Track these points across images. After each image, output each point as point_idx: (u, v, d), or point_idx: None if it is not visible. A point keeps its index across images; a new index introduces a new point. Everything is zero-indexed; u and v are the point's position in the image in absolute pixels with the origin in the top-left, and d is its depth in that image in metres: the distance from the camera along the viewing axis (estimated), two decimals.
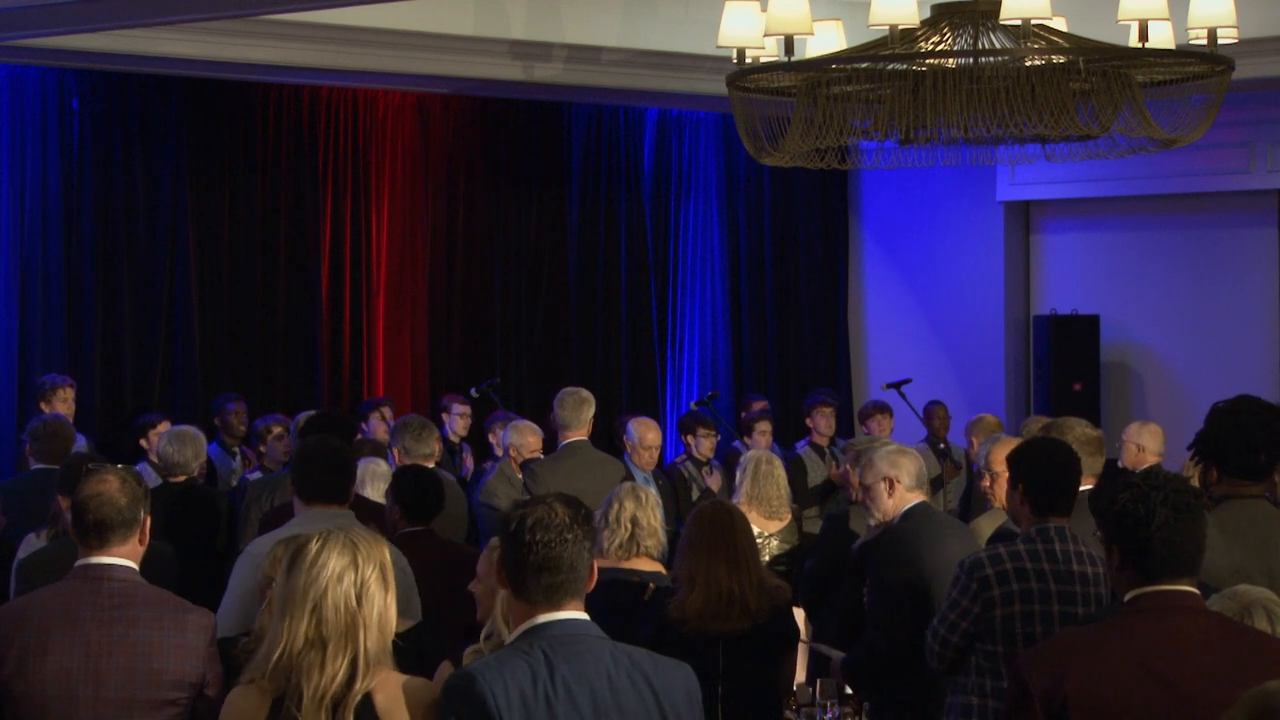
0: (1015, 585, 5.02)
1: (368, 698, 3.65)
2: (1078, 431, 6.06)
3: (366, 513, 6.12)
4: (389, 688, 3.68)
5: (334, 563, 3.69)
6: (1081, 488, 5.33)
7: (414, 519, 6.17)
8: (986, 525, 6.68)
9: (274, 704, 3.67)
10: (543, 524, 3.60)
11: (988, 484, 6.56)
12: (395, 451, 8.06)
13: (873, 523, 6.29)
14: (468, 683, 3.47)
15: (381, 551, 3.78)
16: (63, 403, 9.67)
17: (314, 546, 3.71)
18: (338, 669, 3.64)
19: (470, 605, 4.74)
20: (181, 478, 7.89)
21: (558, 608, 3.59)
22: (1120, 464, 8.98)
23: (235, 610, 5.45)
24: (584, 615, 3.62)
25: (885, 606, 5.90)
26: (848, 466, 7.32)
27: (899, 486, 6.06)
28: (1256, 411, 5.12)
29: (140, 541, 4.41)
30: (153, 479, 8.44)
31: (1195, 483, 5.11)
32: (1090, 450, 5.89)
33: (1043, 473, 5.11)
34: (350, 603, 3.67)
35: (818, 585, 6.97)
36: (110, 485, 4.35)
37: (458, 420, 10.86)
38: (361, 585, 3.69)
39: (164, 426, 9.27)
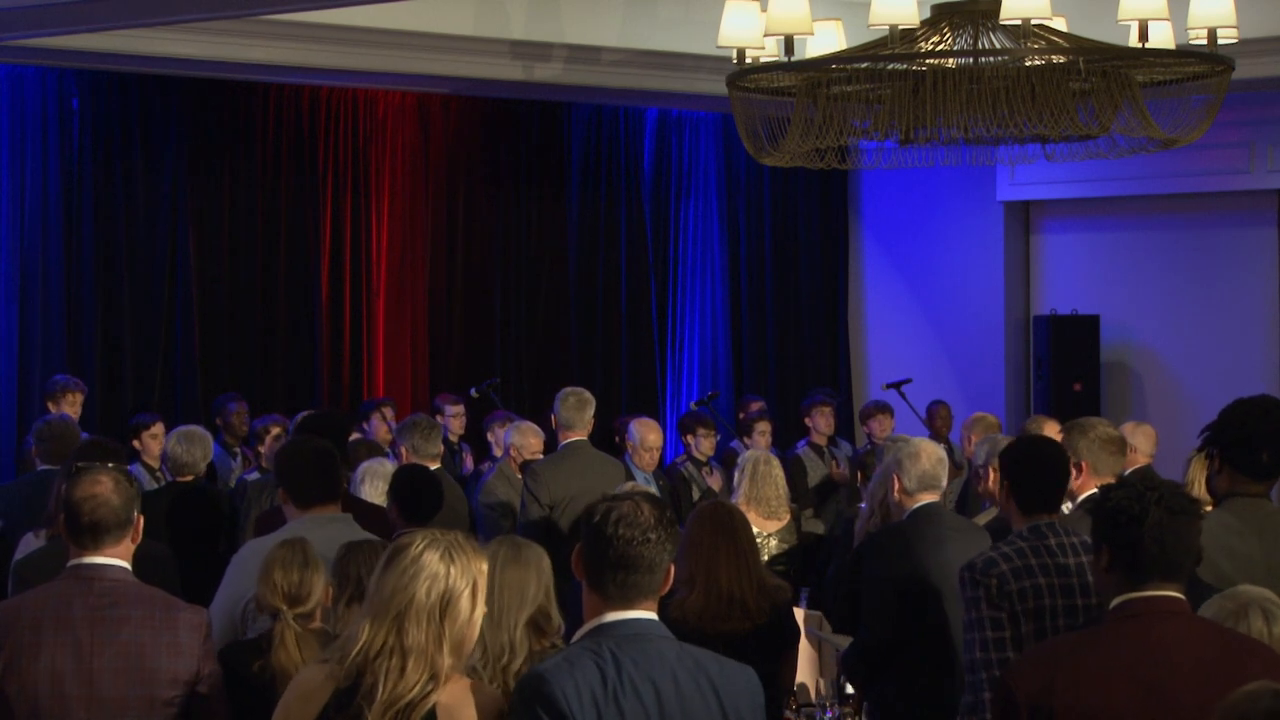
0: (1026, 582, 5.01)
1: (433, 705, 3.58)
2: (1099, 430, 5.95)
3: (363, 514, 6.10)
4: (455, 693, 3.60)
5: (426, 572, 3.58)
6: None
7: (412, 519, 6.16)
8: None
9: (338, 694, 3.59)
10: (627, 521, 3.56)
11: (981, 482, 6.55)
12: (404, 450, 8.07)
13: (863, 517, 6.31)
14: (539, 683, 3.44)
15: (479, 565, 3.65)
16: (70, 405, 9.66)
17: (414, 551, 3.61)
18: (417, 679, 3.55)
19: None
20: (189, 477, 7.83)
21: (630, 607, 3.57)
22: None
23: (224, 612, 5.43)
24: (654, 615, 3.60)
25: (870, 603, 5.89)
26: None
27: (898, 485, 6.04)
28: (1268, 409, 5.06)
29: (132, 540, 4.38)
30: (145, 480, 8.42)
31: (1202, 481, 5.09)
32: (1111, 450, 5.80)
33: (1029, 470, 5.06)
34: (435, 616, 3.57)
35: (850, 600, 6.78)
36: (104, 486, 4.31)
37: (452, 420, 10.86)
38: (450, 599, 3.58)
39: (156, 428, 9.25)
